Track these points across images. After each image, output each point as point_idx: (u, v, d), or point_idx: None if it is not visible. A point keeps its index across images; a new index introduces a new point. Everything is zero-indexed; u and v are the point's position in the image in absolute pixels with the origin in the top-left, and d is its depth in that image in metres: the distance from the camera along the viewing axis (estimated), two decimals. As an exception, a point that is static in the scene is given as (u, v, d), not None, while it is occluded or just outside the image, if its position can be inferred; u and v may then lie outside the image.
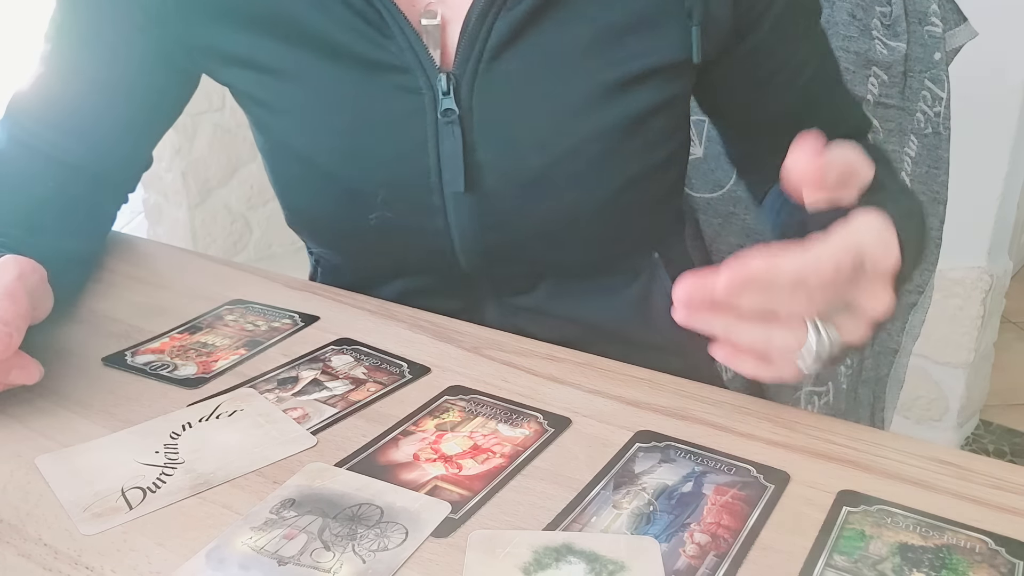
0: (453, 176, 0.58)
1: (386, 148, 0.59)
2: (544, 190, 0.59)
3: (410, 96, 0.58)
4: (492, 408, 0.50)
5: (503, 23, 0.56)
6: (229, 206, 2.38)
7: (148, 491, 0.44)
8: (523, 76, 0.57)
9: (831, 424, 0.49)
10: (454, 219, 0.60)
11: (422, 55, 0.57)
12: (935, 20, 0.80)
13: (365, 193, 0.60)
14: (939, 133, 0.83)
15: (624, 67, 0.57)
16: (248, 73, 0.61)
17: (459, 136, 0.57)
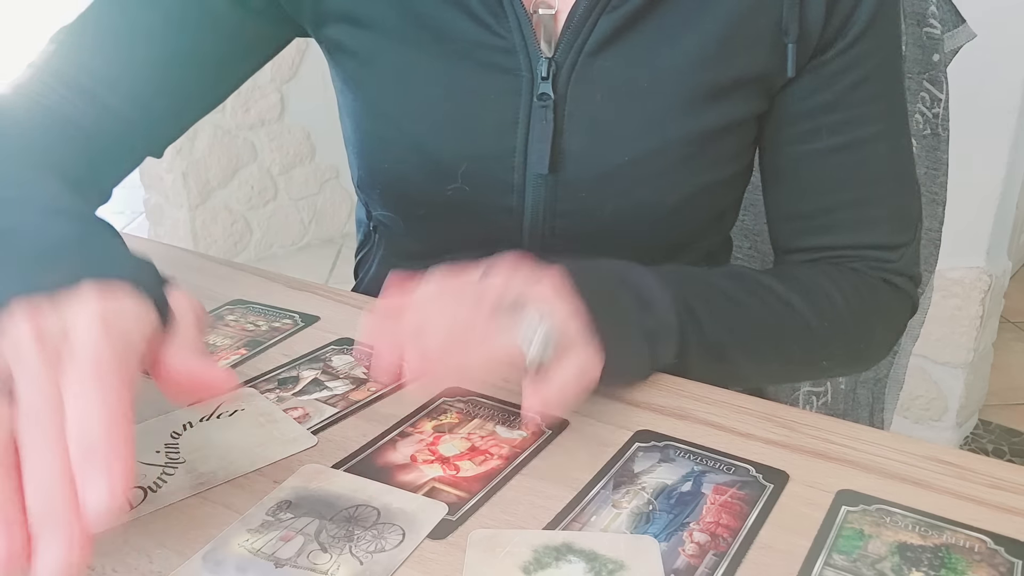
0: (539, 158, 0.60)
1: (476, 122, 0.60)
2: (621, 184, 0.60)
3: (508, 76, 0.59)
4: (490, 410, 0.50)
5: (606, 21, 0.58)
6: (230, 206, 2.38)
7: (149, 490, 0.44)
8: (620, 73, 0.59)
9: (830, 424, 0.49)
10: (530, 200, 0.61)
11: (529, 39, 0.58)
12: (933, 22, 0.80)
13: (448, 164, 0.61)
14: (938, 134, 0.83)
15: (715, 78, 0.59)
16: (350, 28, 0.62)
17: (551, 120, 0.59)
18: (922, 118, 0.83)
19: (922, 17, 0.80)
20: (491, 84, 0.60)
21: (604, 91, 0.59)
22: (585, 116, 0.60)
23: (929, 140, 0.84)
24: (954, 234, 1.01)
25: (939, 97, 0.82)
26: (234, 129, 2.35)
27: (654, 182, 0.61)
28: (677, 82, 0.59)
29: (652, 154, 0.60)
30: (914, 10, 0.80)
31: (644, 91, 0.59)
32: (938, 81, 0.82)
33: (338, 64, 0.65)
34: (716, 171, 0.62)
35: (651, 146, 0.60)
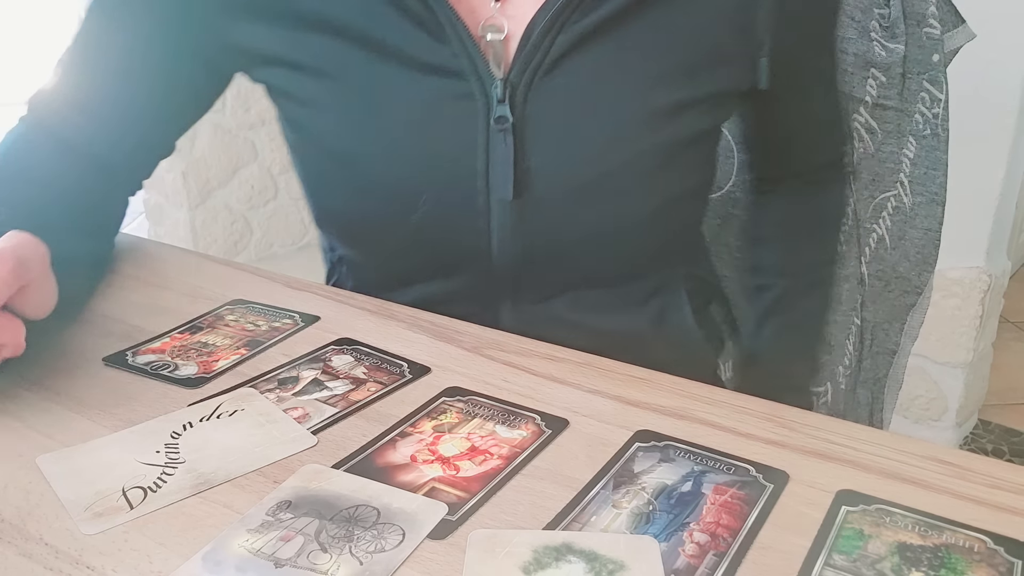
0: (501, 183, 0.58)
1: (434, 150, 0.59)
2: (589, 201, 0.59)
3: (462, 101, 0.57)
4: (490, 409, 0.50)
5: (564, 38, 0.56)
6: (230, 206, 2.38)
7: (149, 491, 0.44)
8: (579, 89, 0.57)
9: (830, 424, 0.49)
10: (496, 223, 0.60)
11: (478, 61, 0.57)
12: (933, 22, 0.80)
13: (408, 194, 0.60)
14: (938, 134, 0.83)
15: (681, 91, 0.58)
16: (287, 71, 0.60)
17: (511, 144, 0.57)
18: (922, 118, 0.83)
19: (922, 17, 0.80)
20: (445, 109, 0.58)
21: (564, 108, 0.58)
22: (546, 135, 0.58)
23: (929, 140, 0.84)
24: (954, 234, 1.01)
25: (939, 97, 0.82)
26: (234, 129, 2.35)
27: (622, 196, 0.59)
28: (639, 97, 0.58)
29: (617, 169, 0.58)
30: (914, 10, 0.80)
31: (606, 106, 0.58)
32: (938, 81, 0.82)
33: (280, 105, 0.63)
34: (686, 180, 0.62)
35: (616, 160, 0.58)
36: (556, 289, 0.65)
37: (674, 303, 0.68)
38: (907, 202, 0.86)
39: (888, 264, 0.88)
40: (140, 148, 0.67)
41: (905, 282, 0.89)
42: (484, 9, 0.58)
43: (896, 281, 0.89)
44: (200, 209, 2.33)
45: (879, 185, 0.86)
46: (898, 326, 0.90)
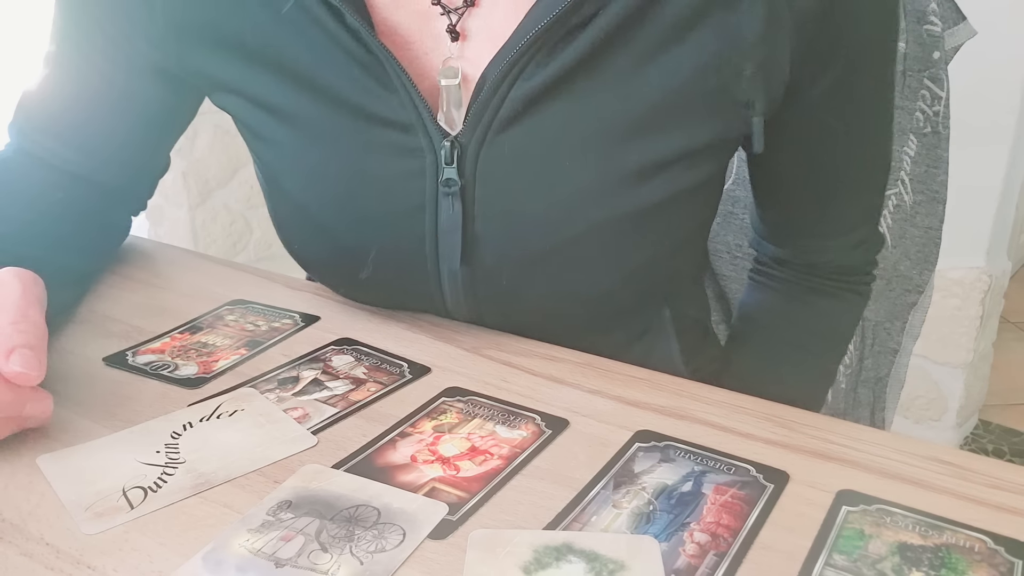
0: (450, 250, 0.54)
1: (381, 207, 0.55)
2: (545, 272, 0.54)
3: (410, 157, 0.53)
4: (490, 410, 0.50)
5: (517, 94, 0.51)
6: (229, 206, 2.38)
7: (149, 491, 0.44)
8: (532, 153, 0.52)
9: (830, 424, 0.49)
10: (448, 287, 0.57)
11: (425, 116, 0.52)
12: (934, 19, 0.80)
13: (357, 249, 0.57)
14: (938, 132, 0.83)
15: (645, 154, 0.52)
16: (244, 103, 0.58)
17: (459, 210, 0.53)
18: (922, 116, 0.83)
19: (923, 14, 0.80)
20: (393, 165, 0.53)
21: (516, 171, 0.52)
22: (496, 201, 0.53)
23: (929, 138, 0.84)
24: (954, 234, 1.01)
25: (939, 95, 0.82)
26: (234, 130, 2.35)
27: (583, 267, 0.54)
28: (601, 158, 0.51)
29: (577, 239, 0.53)
30: (915, 7, 0.80)
31: (562, 169, 0.52)
32: (939, 79, 0.82)
33: (245, 138, 0.61)
34: (661, 243, 0.55)
35: (574, 231, 0.52)
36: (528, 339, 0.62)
37: (662, 346, 0.65)
38: (908, 200, 0.86)
39: (889, 263, 0.88)
40: (128, 167, 0.67)
41: (906, 280, 0.88)
42: (441, 50, 0.54)
43: (897, 280, 0.89)
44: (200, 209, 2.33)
45: (879, 184, 0.85)
46: (899, 325, 0.90)
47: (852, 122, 0.58)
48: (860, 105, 0.58)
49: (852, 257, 0.67)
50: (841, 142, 0.59)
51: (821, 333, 0.69)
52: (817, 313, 0.69)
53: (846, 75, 0.55)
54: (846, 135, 0.59)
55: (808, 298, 0.68)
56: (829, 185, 0.62)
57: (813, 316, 0.69)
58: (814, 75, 0.54)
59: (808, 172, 0.62)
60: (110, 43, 0.60)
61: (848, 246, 0.66)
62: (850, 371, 0.91)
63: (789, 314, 0.70)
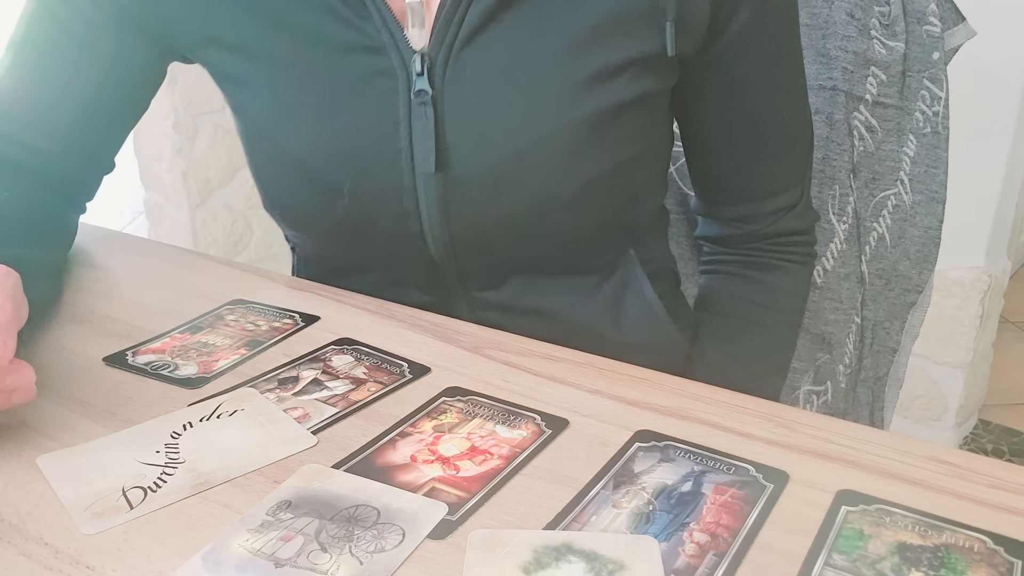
0: (424, 156, 0.58)
1: (356, 132, 0.59)
2: (513, 177, 0.59)
3: (382, 78, 0.58)
4: (490, 409, 0.50)
5: (477, 7, 0.56)
6: (230, 206, 2.38)
7: (149, 490, 0.44)
8: (495, 63, 0.57)
9: (830, 424, 0.49)
10: (424, 201, 0.60)
11: (397, 36, 0.57)
12: (933, 20, 0.80)
13: (335, 178, 0.60)
14: (938, 133, 0.83)
15: (597, 61, 0.57)
16: (222, 52, 0.61)
17: (431, 117, 0.57)
18: (922, 116, 0.83)
19: (922, 15, 0.80)
20: (367, 89, 0.58)
21: (481, 82, 0.58)
22: (464, 110, 0.58)
23: (929, 138, 0.84)
24: (954, 234, 1.01)
25: (939, 95, 0.82)
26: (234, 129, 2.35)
27: (545, 173, 0.59)
28: (555, 68, 0.57)
29: (538, 144, 0.58)
30: (914, 8, 0.80)
31: (522, 79, 0.58)
32: (938, 79, 0.82)
33: (221, 87, 0.64)
34: (619, 152, 0.60)
35: (535, 136, 0.58)
36: (499, 275, 0.65)
37: (632, 287, 0.67)
38: (907, 200, 0.86)
39: (888, 262, 0.88)
40: (79, 157, 0.67)
41: (906, 280, 0.88)
42: None
43: (897, 279, 0.89)
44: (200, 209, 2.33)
45: (879, 183, 0.86)
46: (899, 325, 0.90)
47: (764, 71, 0.63)
48: (770, 54, 0.63)
49: (785, 223, 0.70)
50: (756, 94, 0.64)
51: (770, 305, 0.72)
52: (760, 286, 0.72)
53: (757, 17, 0.60)
54: (761, 86, 0.64)
55: (749, 273, 0.72)
56: (750, 140, 0.67)
57: (757, 290, 0.72)
58: (728, 14, 0.59)
59: (729, 126, 0.66)
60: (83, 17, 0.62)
61: (778, 210, 0.69)
62: (849, 371, 0.91)
63: (734, 292, 0.73)
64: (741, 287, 0.72)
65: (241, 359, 0.56)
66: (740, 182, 0.69)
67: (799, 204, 0.70)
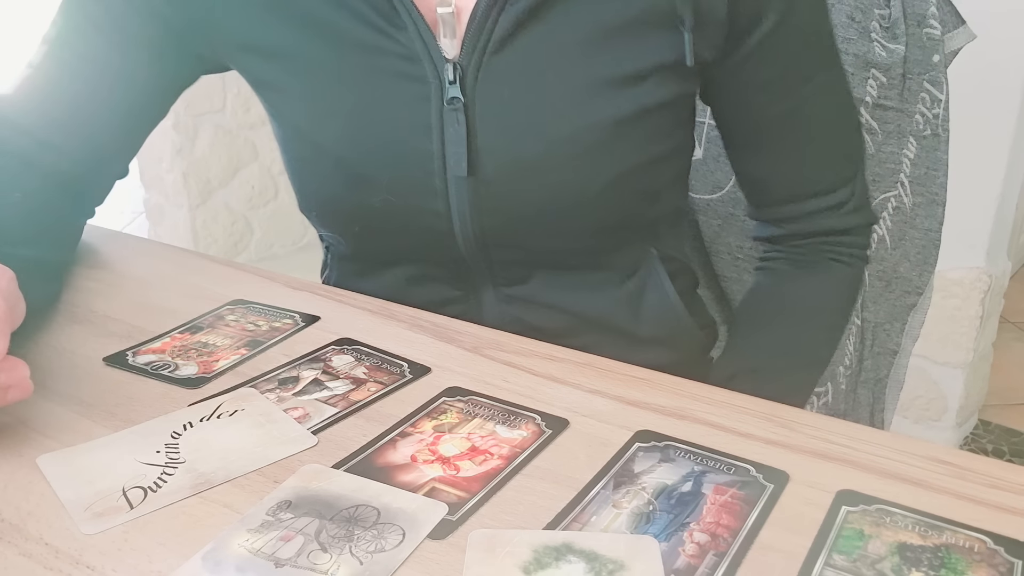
0: (456, 161, 0.60)
1: (391, 133, 0.61)
2: (541, 176, 0.61)
3: (416, 84, 0.60)
4: (490, 409, 0.50)
5: (507, 17, 0.58)
6: (230, 206, 2.38)
7: (149, 490, 0.44)
8: (524, 68, 0.59)
9: (830, 424, 0.49)
10: (455, 202, 0.62)
11: (431, 45, 0.59)
12: (934, 22, 0.80)
13: (371, 177, 0.62)
14: (938, 135, 0.83)
15: (619, 66, 0.59)
16: (259, 59, 0.63)
17: (463, 123, 0.60)
18: (922, 119, 0.83)
19: (922, 18, 0.80)
20: (401, 93, 0.60)
21: (510, 87, 0.60)
22: (495, 114, 0.60)
23: (929, 141, 0.84)
24: (954, 234, 1.01)
25: (939, 98, 0.82)
26: (235, 129, 2.35)
27: (571, 171, 0.61)
28: (580, 72, 0.59)
29: (564, 144, 0.60)
30: (914, 11, 0.80)
31: (549, 84, 0.60)
32: (938, 82, 0.82)
33: (259, 93, 0.66)
34: (640, 152, 0.62)
35: (561, 135, 0.60)
36: (525, 269, 0.66)
37: (653, 284, 0.69)
38: (907, 202, 0.86)
39: (889, 264, 0.88)
40: (97, 166, 0.68)
41: (906, 282, 0.88)
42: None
43: (897, 281, 0.89)
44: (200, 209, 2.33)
45: (879, 185, 0.86)
46: (899, 326, 0.90)
47: (793, 77, 0.64)
48: (798, 60, 0.63)
49: (832, 222, 0.70)
50: (785, 98, 0.64)
51: (805, 302, 0.72)
52: (800, 284, 0.72)
53: (780, 25, 0.60)
54: (789, 91, 0.64)
55: (792, 270, 0.72)
56: (782, 143, 0.67)
57: (797, 287, 0.72)
58: (749, 23, 0.60)
59: (760, 129, 0.66)
60: (125, 16, 0.63)
61: (826, 208, 0.69)
62: (850, 372, 0.91)
63: (774, 287, 0.73)
64: (782, 282, 0.73)
65: (241, 359, 0.56)
66: (779, 183, 0.70)
67: (848, 204, 0.69)
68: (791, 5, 0.60)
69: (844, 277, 0.72)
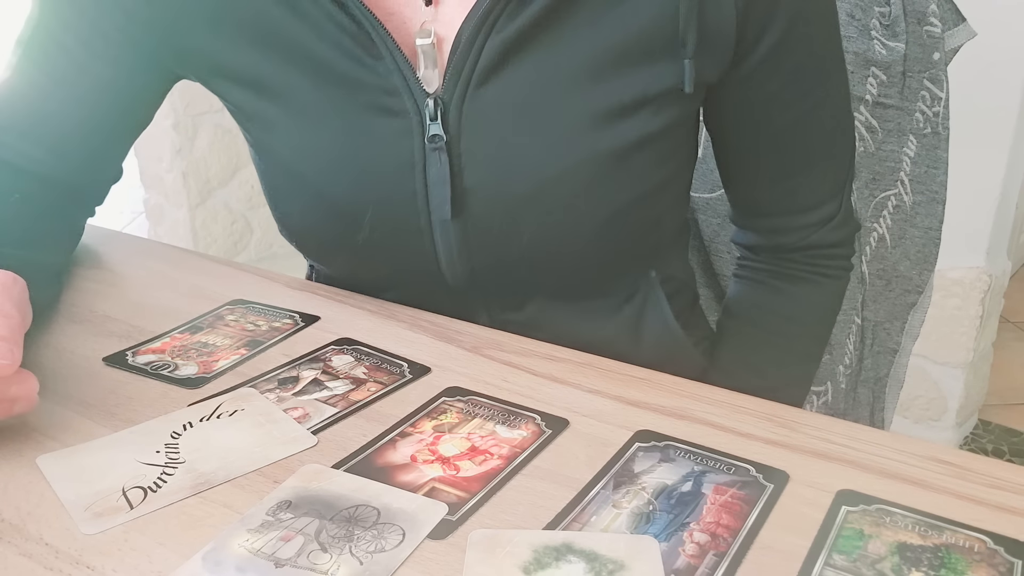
0: (439, 203, 0.57)
1: (373, 168, 0.58)
2: (530, 216, 0.57)
3: (397, 119, 0.57)
4: (490, 409, 0.50)
5: (492, 46, 0.54)
6: (230, 206, 2.38)
7: (149, 490, 0.44)
8: (510, 102, 0.56)
9: (830, 424, 0.49)
10: (440, 241, 0.59)
11: (410, 78, 0.56)
12: (934, 20, 0.80)
13: (353, 212, 0.59)
14: (938, 133, 0.83)
15: (616, 95, 0.56)
16: (236, 87, 0.60)
17: (446, 162, 0.56)
18: (922, 117, 0.83)
19: (923, 16, 0.80)
20: (382, 128, 0.57)
21: (498, 122, 0.56)
22: (481, 152, 0.56)
23: (929, 139, 0.84)
24: (954, 234, 1.01)
25: (939, 96, 0.82)
26: (234, 129, 2.35)
27: (566, 209, 0.57)
28: (573, 104, 0.55)
29: (557, 180, 0.56)
30: (915, 8, 0.80)
31: (540, 117, 0.56)
32: (938, 80, 0.82)
33: (238, 120, 0.63)
34: (638, 184, 0.59)
35: (554, 172, 0.56)
36: (519, 300, 0.64)
37: (651, 308, 0.67)
38: (908, 201, 0.86)
39: (889, 263, 0.88)
40: (88, 165, 0.66)
41: (906, 281, 0.89)
42: (419, 17, 0.57)
43: (897, 280, 0.89)
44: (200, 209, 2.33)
45: (879, 184, 0.86)
46: (899, 325, 0.90)
47: (797, 88, 0.61)
48: (804, 72, 0.60)
49: (820, 236, 0.68)
50: (788, 111, 0.62)
51: (795, 318, 0.71)
52: (789, 298, 0.70)
53: (788, 35, 0.57)
54: (793, 103, 0.61)
55: (779, 284, 0.70)
56: (781, 156, 0.64)
57: (783, 301, 0.70)
58: (757, 35, 0.57)
59: (759, 142, 0.64)
60: (95, 31, 0.61)
61: (814, 223, 0.67)
62: (850, 371, 0.91)
63: (761, 302, 0.71)
64: (767, 297, 0.71)
65: (241, 359, 0.56)
66: (771, 196, 0.67)
67: (836, 217, 0.67)
68: (799, 14, 0.57)
69: (832, 289, 0.71)
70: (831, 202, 0.67)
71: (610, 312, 0.66)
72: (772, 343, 0.71)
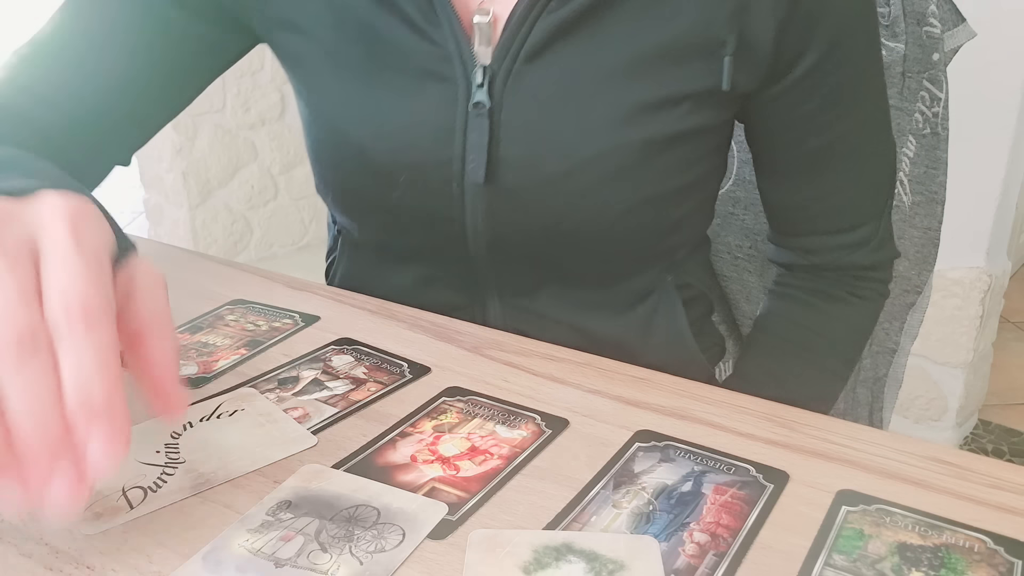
0: (476, 167, 0.59)
1: (413, 132, 0.60)
2: (560, 193, 0.59)
3: (444, 85, 0.59)
4: (490, 409, 0.50)
5: (542, 25, 0.57)
6: (230, 206, 2.38)
7: (149, 490, 0.44)
8: (552, 82, 0.58)
9: (830, 424, 0.49)
10: (469, 208, 0.61)
11: (464, 47, 0.58)
12: (933, 21, 0.80)
13: (389, 170, 0.61)
14: (937, 133, 0.83)
15: (654, 90, 0.57)
16: (293, 35, 0.62)
17: (486, 129, 0.58)
18: (921, 117, 0.83)
19: (922, 16, 0.80)
20: (427, 92, 0.59)
21: (539, 99, 0.58)
22: (520, 124, 0.59)
23: (929, 139, 0.84)
24: (954, 234, 1.01)
25: (939, 96, 0.82)
26: (234, 128, 2.35)
27: (593, 193, 0.59)
28: (612, 92, 0.58)
29: (589, 164, 0.58)
30: (914, 9, 0.80)
31: (580, 100, 0.58)
32: (938, 80, 0.82)
33: (288, 70, 0.65)
34: (666, 180, 0.60)
35: (587, 155, 0.58)
36: (534, 282, 0.65)
37: (666, 312, 0.67)
38: (906, 201, 0.86)
39: (888, 263, 0.88)
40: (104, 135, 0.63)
41: (905, 281, 0.88)
42: None
43: (896, 280, 0.89)
44: (200, 209, 2.33)
45: (879, 185, 0.86)
46: (898, 325, 0.90)
47: (834, 111, 0.61)
48: (842, 95, 0.61)
49: (855, 257, 0.68)
50: (824, 132, 0.62)
51: (824, 333, 0.71)
52: (820, 313, 0.70)
53: (826, 58, 0.58)
54: (829, 126, 0.62)
55: (810, 299, 0.70)
56: (822, 176, 0.65)
57: (814, 317, 0.70)
58: (795, 55, 0.58)
59: (794, 162, 0.65)
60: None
61: (850, 245, 0.68)
62: (850, 371, 0.91)
63: (789, 315, 0.71)
64: (798, 312, 0.71)
65: (241, 359, 0.56)
66: (807, 216, 0.68)
67: (873, 240, 0.68)
68: (840, 37, 0.58)
69: (865, 311, 0.71)
70: (868, 224, 0.67)
71: (622, 308, 0.66)
72: (797, 355, 0.71)
